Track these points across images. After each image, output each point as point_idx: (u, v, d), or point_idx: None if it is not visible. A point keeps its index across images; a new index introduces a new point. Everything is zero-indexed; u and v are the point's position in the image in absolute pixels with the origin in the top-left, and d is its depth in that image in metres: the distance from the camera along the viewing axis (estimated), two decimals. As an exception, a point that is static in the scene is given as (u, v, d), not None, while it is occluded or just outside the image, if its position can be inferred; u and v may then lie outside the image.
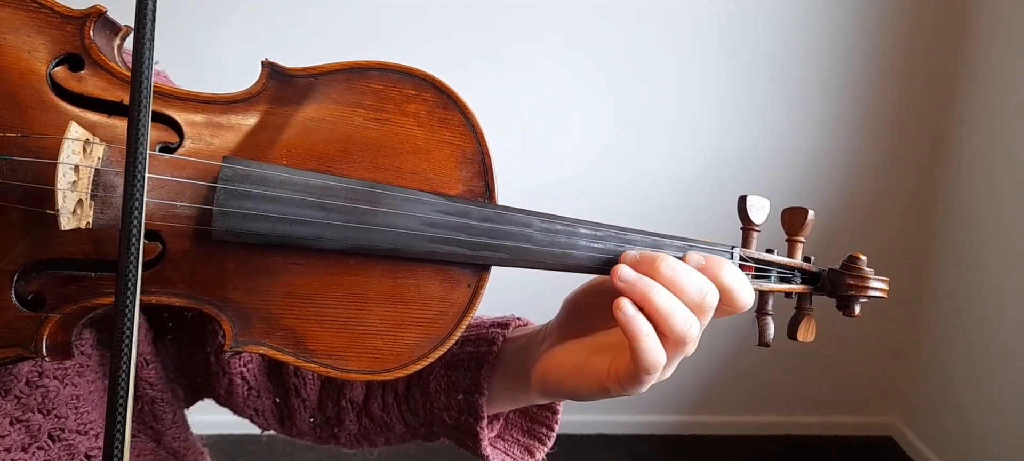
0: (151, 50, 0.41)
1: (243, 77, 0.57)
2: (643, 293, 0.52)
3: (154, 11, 0.41)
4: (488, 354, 0.67)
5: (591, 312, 0.61)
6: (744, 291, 0.55)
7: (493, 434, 0.72)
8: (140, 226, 0.42)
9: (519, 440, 0.73)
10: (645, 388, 0.55)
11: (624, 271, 0.53)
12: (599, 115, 2.45)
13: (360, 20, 2.29)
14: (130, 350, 0.42)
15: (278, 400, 0.75)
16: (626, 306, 0.52)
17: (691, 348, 0.54)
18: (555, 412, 0.73)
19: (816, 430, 2.82)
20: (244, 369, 0.73)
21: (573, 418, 2.65)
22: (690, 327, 0.52)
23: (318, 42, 2.28)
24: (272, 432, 0.80)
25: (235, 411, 0.77)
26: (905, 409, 2.79)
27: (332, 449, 0.81)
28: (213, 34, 2.27)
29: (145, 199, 0.43)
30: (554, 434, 0.73)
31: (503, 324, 0.70)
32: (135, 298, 0.42)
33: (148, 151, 0.43)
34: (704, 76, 2.42)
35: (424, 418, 0.72)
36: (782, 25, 2.38)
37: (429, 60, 0.61)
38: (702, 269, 0.54)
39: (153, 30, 0.42)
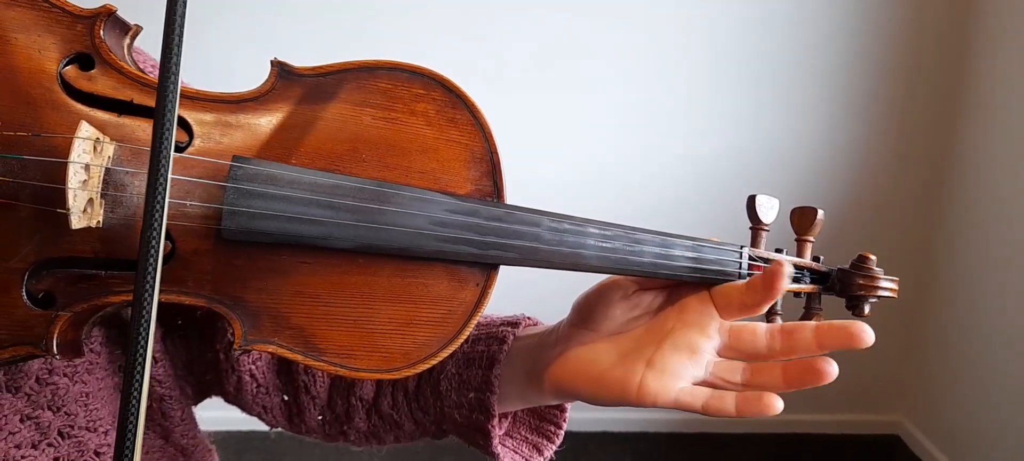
0: (178, 55, 0.41)
1: (252, 76, 0.57)
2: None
3: (183, 17, 0.41)
4: (499, 353, 0.67)
5: (602, 315, 0.61)
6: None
7: (502, 432, 0.72)
8: (161, 228, 0.42)
9: (528, 438, 0.73)
10: None
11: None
12: (608, 115, 2.44)
13: (367, 20, 2.29)
14: (145, 348, 0.42)
15: (287, 398, 0.75)
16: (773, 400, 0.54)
17: None
18: (563, 410, 0.73)
19: (822, 428, 2.81)
20: (253, 367, 0.73)
21: (578, 416, 2.64)
22: None
23: (326, 42, 2.28)
24: (280, 430, 0.80)
25: (244, 409, 0.77)
26: (911, 407, 2.78)
27: (339, 446, 0.81)
28: (222, 33, 2.27)
29: (168, 199, 0.43)
30: (562, 432, 0.73)
31: (513, 323, 0.70)
32: (153, 297, 0.42)
33: (172, 153, 0.43)
34: (713, 76, 2.41)
35: (434, 416, 0.72)
36: (791, 25, 2.37)
37: (438, 60, 0.61)
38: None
39: (182, 35, 0.42)
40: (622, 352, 0.58)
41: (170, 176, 0.45)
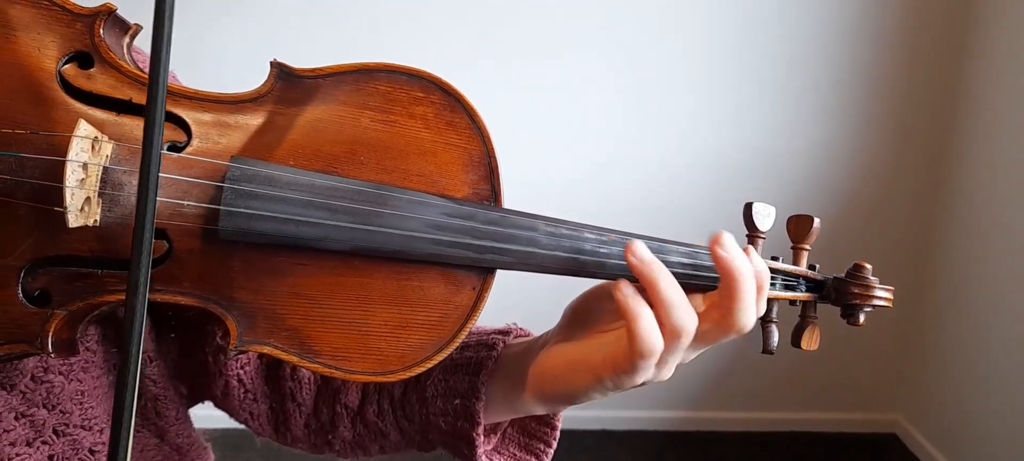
0: (168, 51, 0.41)
1: (251, 77, 0.57)
2: (652, 277, 0.51)
3: (172, 13, 0.41)
4: (487, 359, 0.66)
5: (593, 318, 0.60)
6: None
7: (490, 447, 0.70)
8: (150, 227, 0.42)
9: (516, 455, 0.71)
10: (639, 378, 0.53)
11: (639, 248, 0.52)
12: (605, 119, 2.44)
13: (366, 18, 2.28)
14: (139, 347, 0.42)
15: (274, 405, 0.75)
16: (625, 286, 0.51)
17: (683, 343, 0.53)
18: (553, 428, 0.71)
19: (820, 427, 2.81)
20: (241, 371, 0.72)
21: (575, 413, 2.65)
22: (687, 323, 0.52)
23: (323, 42, 2.27)
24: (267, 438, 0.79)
25: (231, 414, 0.76)
26: (909, 406, 2.78)
27: (326, 458, 0.79)
28: (220, 34, 2.26)
29: (157, 198, 0.43)
30: (552, 451, 0.71)
31: (504, 332, 0.69)
32: (144, 294, 0.42)
33: (161, 151, 0.43)
34: (710, 80, 2.41)
35: (420, 424, 0.71)
36: (788, 29, 2.37)
37: (437, 62, 0.61)
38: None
39: (171, 31, 0.42)
40: (601, 340, 0.57)
41: (160, 173, 0.45)
